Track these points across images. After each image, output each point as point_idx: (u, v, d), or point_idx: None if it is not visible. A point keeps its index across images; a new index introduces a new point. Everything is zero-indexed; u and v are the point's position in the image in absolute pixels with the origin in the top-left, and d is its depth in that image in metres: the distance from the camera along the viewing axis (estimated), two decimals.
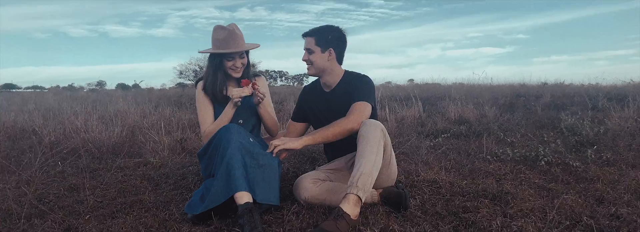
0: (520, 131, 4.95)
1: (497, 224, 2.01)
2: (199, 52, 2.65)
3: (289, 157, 3.64)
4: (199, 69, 19.13)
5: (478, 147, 4.03)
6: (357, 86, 2.48)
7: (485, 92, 12.59)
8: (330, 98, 2.62)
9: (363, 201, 2.08)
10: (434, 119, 6.31)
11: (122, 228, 2.09)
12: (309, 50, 2.54)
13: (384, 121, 6.10)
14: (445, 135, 4.46)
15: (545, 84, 14.11)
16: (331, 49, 2.53)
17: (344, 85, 2.57)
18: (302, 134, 2.81)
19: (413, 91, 8.42)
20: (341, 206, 2.03)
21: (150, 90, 19.48)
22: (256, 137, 2.57)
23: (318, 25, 2.58)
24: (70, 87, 36.18)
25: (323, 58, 2.54)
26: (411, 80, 23.38)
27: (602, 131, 4.72)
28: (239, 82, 2.64)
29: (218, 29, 2.57)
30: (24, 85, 41.67)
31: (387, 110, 6.30)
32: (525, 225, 1.99)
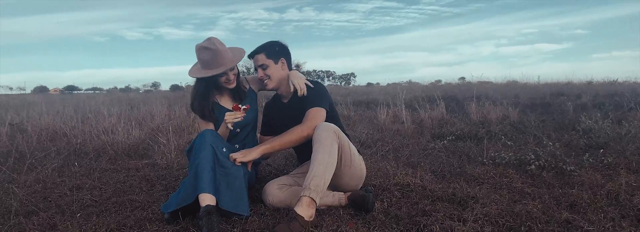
0: (533, 133, 4.85)
1: (442, 227, 2.06)
2: (192, 77, 2.68)
3: (275, 159, 3.79)
4: (245, 71, 19.53)
5: (480, 151, 4.00)
6: (308, 94, 2.58)
7: (525, 92, 12.27)
8: (289, 108, 2.72)
9: (318, 202, 2.18)
10: (453, 121, 6.26)
11: (99, 226, 2.27)
12: (263, 66, 2.65)
13: (400, 123, 6.12)
14: (451, 137, 4.44)
15: (590, 82, 13.53)
16: (282, 58, 2.68)
17: (297, 94, 2.65)
18: None
19: (436, 92, 8.33)
20: (295, 208, 2.13)
21: None
22: (237, 146, 2.71)
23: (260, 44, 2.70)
24: (127, 89, 38.01)
25: (278, 69, 2.67)
26: (462, 78, 22.67)
27: (623, 133, 4.57)
28: (232, 93, 2.78)
29: (201, 49, 2.56)
30: (84, 87, 44.10)
31: (403, 112, 6.29)
32: (468, 229, 2.02)
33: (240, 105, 2.55)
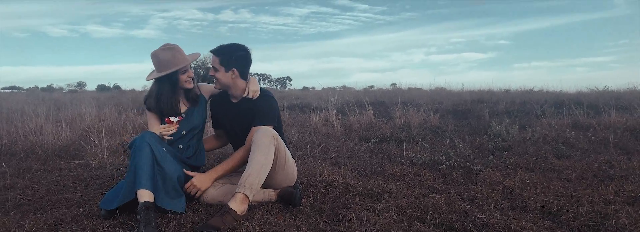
0: (449, 136, 5.30)
1: (356, 216, 2.34)
2: (160, 74, 2.72)
3: (208, 159, 3.98)
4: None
5: (400, 152, 4.37)
6: (258, 108, 2.75)
7: (449, 98, 13.02)
8: (236, 108, 2.88)
9: (251, 199, 2.40)
10: (380, 125, 6.65)
11: (37, 222, 2.35)
12: (214, 68, 2.76)
13: (331, 126, 6.44)
14: (375, 140, 4.79)
15: (508, 90, 14.61)
16: (234, 69, 2.74)
17: (247, 99, 2.83)
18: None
19: (365, 97, 8.76)
20: (229, 203, 2.34)
21: (131, 92, 19.57)
22: (181, 147, 2.86)
23: (226, 44, 2.79)
24: (49, 88, 36.00)
25: (227, 76, 2.76)
26: (394, 84, 23.35)
27: (527, 137, 5.11)
28: (186, 96, 2.89)
29: (160, 51, 2.71)
30: (0, 86, 41.17)
31: (334, 116, 6.62)
32: (380, 218, 2.32)
33: (171, 119, 2.71)
